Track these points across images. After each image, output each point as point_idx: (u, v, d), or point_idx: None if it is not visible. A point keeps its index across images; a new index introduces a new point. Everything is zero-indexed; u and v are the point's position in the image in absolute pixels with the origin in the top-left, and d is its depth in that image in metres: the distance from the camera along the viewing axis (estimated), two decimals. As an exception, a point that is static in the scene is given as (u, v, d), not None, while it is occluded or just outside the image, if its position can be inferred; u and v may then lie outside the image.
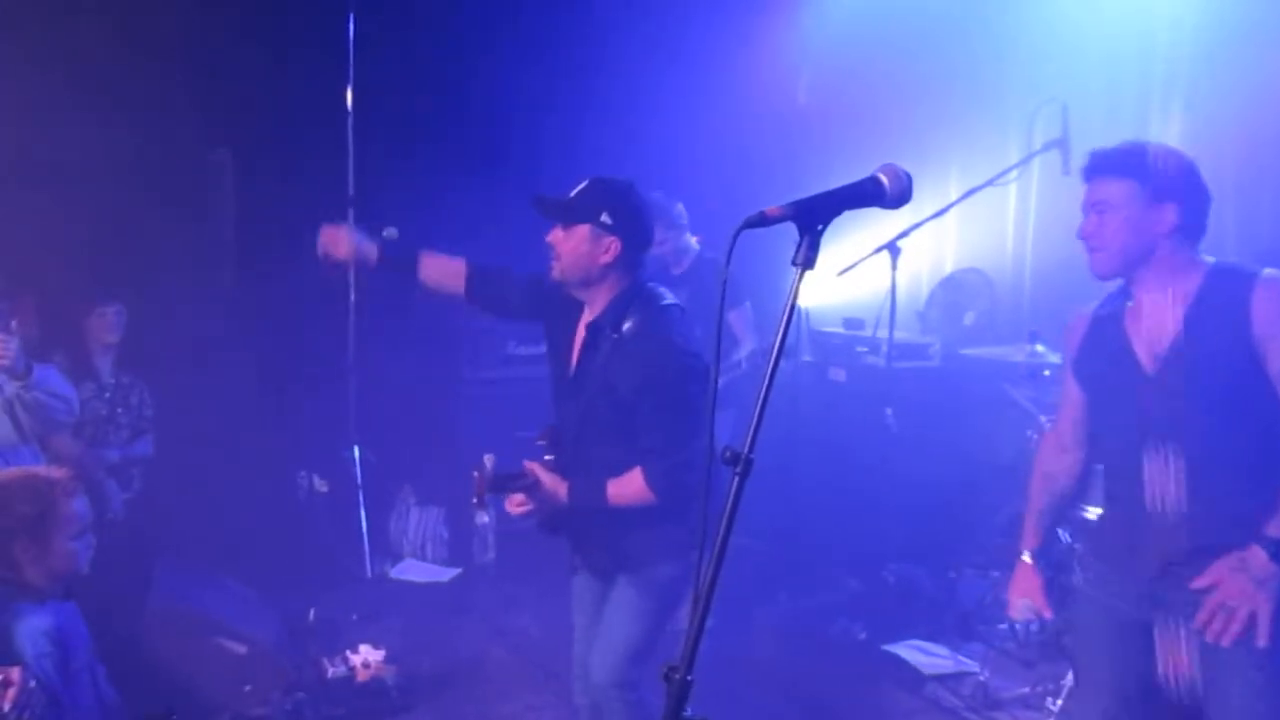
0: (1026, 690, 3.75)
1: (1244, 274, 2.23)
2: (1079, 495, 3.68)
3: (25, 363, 3.29)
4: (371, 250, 2.96)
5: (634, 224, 2.59)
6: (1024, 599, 2.59)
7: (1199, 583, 2.21)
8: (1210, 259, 2.30)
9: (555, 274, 2.63)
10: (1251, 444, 2.21)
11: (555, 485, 2.62)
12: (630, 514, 2.60)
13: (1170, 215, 2.24)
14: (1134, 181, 2.25)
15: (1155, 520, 2.27)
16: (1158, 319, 2.29)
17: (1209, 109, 4.48)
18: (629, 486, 2.57)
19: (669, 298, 2.65)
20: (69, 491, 2.72)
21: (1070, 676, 3.44)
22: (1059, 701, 3.52)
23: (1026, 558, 2.61)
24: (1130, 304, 2.35)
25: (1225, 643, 2.16)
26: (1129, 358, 2.31)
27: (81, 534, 2.74)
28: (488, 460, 2.57)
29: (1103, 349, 2.39)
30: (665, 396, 2.51)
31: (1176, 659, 2.26)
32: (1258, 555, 2.14)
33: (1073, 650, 2.70)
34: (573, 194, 2.60)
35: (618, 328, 2.58)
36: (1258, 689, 2.16)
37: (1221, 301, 2.22)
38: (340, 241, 2.92)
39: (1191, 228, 2.27)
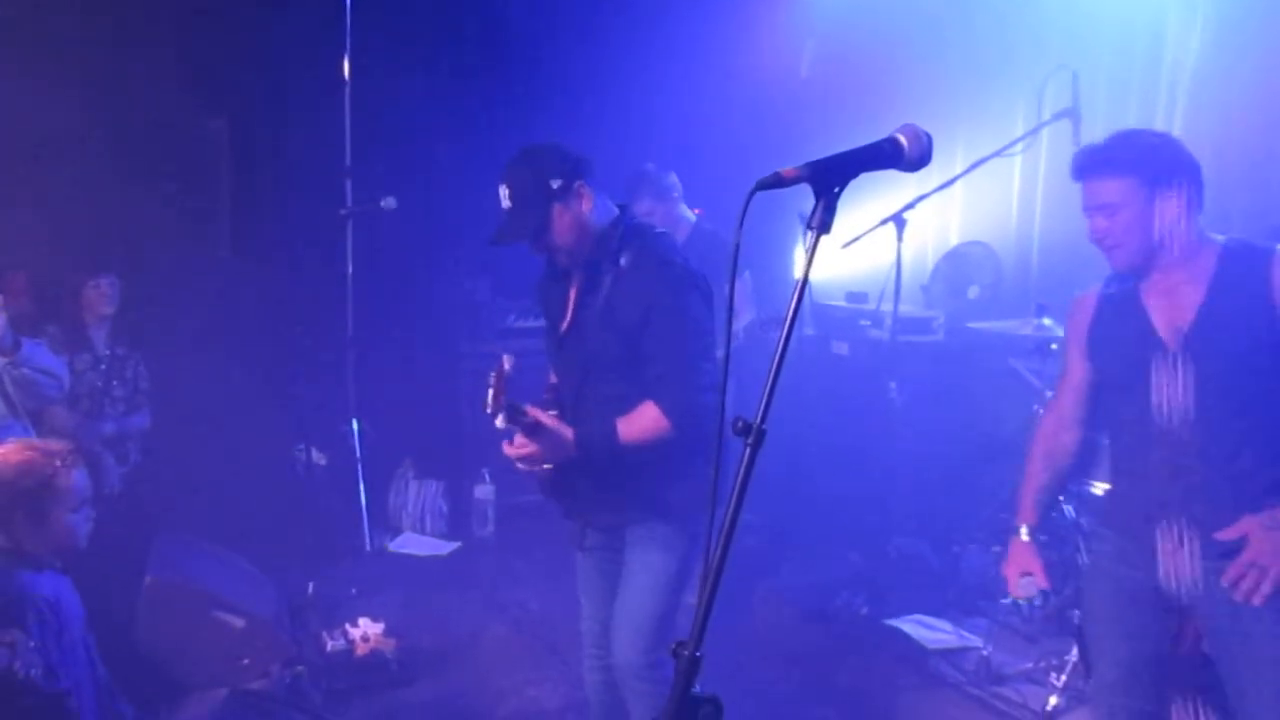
0: (1030, 665, 3.74)
1: (1259, 250, 2.27)
2: (1084, 471, 3.69)
3: (13, 339, 3.25)
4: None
5: (566, 162, 2.49)
6: (1024, 575, 2.59)
7: (1227, 534, 2.21)
8: (1219, 237, 2.32)
9: (564, 261, 2.56)
10: (1275, 413, 2.22)
11: (560, 428, 2.48)
12: (643, 461, 2.49)
13: (1176, 201, 2.27)
14: (1133, 178, 2.27)
15: (1177, 496, 2.27)
16: (1177, 295, 2.30)
17: (1220, 77, 4.41)
18: (641, 419, 2.45)
19: (659, 227, 2.63)
20: (69, 464, 2.70)
21: (1075, 652, 3.42)
22: (1063, 677, 3.50)
23: (1024, 534, 2.62)
24: (1145, 282, 2.35)
25: (1257, 601, 2.16)
26: (1149, 335, 2.31)
27: (81, 507, 2.72)
28: (506, 361, 2.38)
29: (1120, 326, 2.39)
30: (671, 317, 2.43)
31: (1178, 561, 2.27)
32: None
33: (1083, 624, 2.66)
34: (510, 204, 2.49)
35: (615, 260, 2.51)
36: None
37: (1241, 277, 2.24)
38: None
39: (1196, 204, 2.29)
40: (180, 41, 4.81)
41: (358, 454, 4.87)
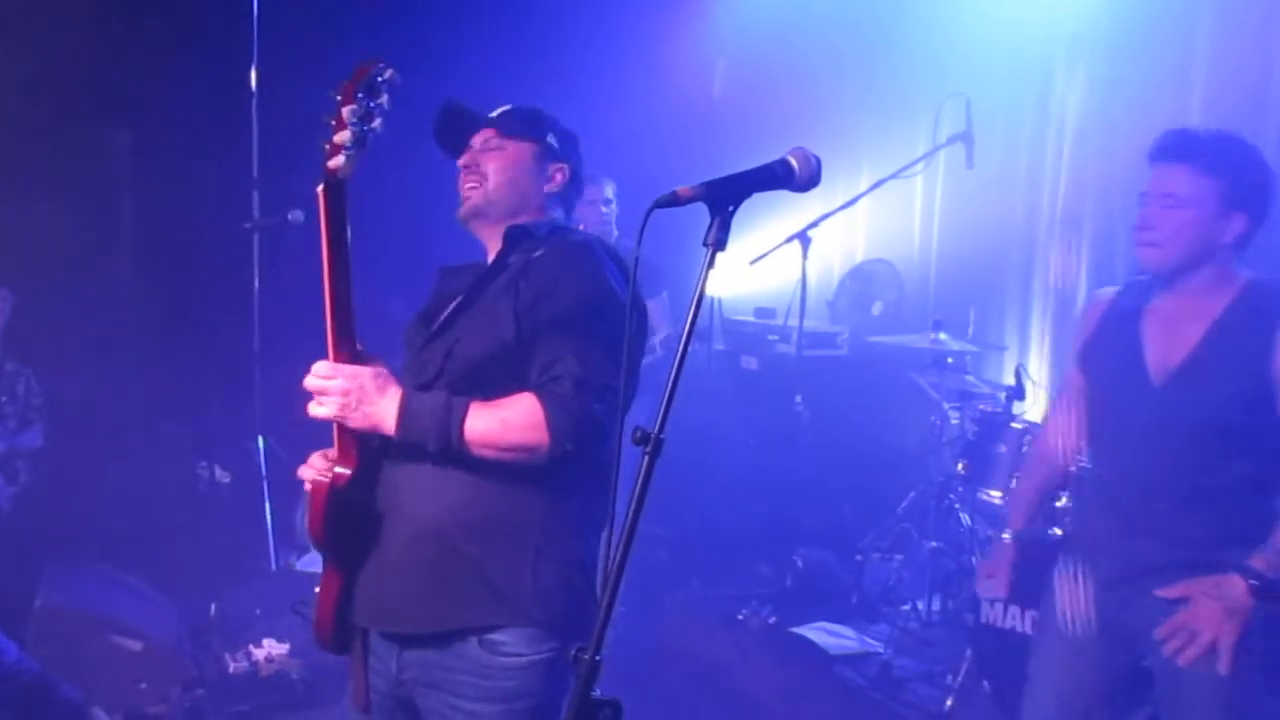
0: (928, 669, 3.86)
1: (1275, 295, 2.10)
2: (981, 480, 3.83)
3: None
4: None
5: (578, 157, 2.15)
6: (991, 577, 2.57)
7: (1170, 592, 2.14)
8: (1247, 273, 2.16)
9: (475, 201, 2.04)
10: (1248, 472, 2.13)
11: (372, 381, 1.88)
12: (497, 514, 1.82)
13: (1238, 226, 2.10)
14: (1214, 181, 2.08)
15: (1134, 531, 2.21)
16: (1176, 330, 2.17)
17: (1107, 102, 4.62)
18: (509, 410, 1.77)
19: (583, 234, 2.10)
20: None
21: (970, 654, 3.55)
22: (958, 679, 3.62)
23: (1006, 537, 2.56)
24: (1153, 304, 2.22)
25: (1182, 663, 2.10)
26: (1139, 365, 2.20)
27: None
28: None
29: (1114, 348, 2.26)
30: (581, 283, 1.85)
31: (1075, 600, 2.26)
32: (1236, 585, 2.06)
33: (1033, 646, 2.55)
34: (497, 113, 2.17)
35: (528, 253, 1.94)
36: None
37: (1246, 327, 2.10)
38: None
39: (1248, 241, 2.13)
40: (81, 48, 4.68)
41: (263, 471, 4.77)
